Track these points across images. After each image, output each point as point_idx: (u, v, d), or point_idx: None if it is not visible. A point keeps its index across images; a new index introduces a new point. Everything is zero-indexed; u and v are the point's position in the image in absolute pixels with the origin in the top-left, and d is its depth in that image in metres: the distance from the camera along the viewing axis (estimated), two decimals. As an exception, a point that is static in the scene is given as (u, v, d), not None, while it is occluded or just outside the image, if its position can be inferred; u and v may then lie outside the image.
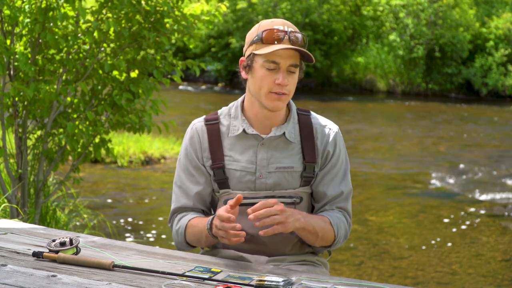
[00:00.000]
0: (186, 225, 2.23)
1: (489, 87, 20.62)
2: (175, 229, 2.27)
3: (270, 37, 2.11)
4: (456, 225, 7.02)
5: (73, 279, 1.78)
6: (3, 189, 4.46)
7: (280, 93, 2.14)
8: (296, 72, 2.17)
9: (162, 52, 4.64)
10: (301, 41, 2.13)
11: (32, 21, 4.09)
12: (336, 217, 2.22)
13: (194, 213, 2.27)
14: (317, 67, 21.56)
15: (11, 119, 4.38)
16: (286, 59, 2.12)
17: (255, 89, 2.18)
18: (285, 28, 2.13)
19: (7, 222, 2.36)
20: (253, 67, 2.17)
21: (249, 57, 2.18)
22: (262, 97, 2.16)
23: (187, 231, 2.23)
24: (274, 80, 2.13)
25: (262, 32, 2.13)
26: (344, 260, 5.74)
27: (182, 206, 2.28)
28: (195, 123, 2.30)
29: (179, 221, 2.27)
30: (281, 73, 2.12)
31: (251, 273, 1.88)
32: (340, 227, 2.21)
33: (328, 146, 2.26)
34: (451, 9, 21.13)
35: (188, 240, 2.24)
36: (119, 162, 9.07)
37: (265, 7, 21.39)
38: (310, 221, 2.11)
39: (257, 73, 2.16)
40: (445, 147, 12.17)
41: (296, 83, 2.19)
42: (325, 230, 2.17)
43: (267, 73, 2.13)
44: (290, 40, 2.11)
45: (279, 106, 2.17)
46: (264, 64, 2.13)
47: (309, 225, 2.11)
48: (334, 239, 2.21)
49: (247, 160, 2.22)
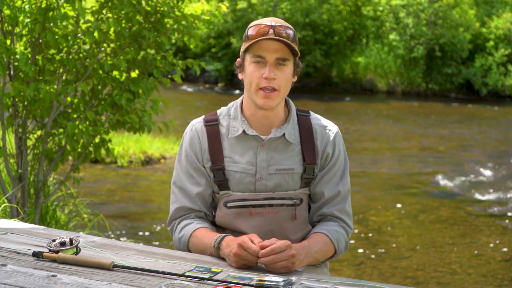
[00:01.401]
0: (191, 235, 2.18)
1: (489, 87, 20.61)
2: (178, 236, 2.23)
3: (256, 32, 2.11)
4: (456, 225, 7.02)
5: (73, 279, 1.78)
6: (3, 189, 4.46)
7: (269, 87, 2.12)
8: (287, 66, 2.14)
9: (162, 52, 4.64)
10: (289, 35, 2.11)
11: (32, 21, 4.09)
12: (334, 231, 2.19)
13: (197, 219, 2.23)
14: (317, 67, 21.55)
15: (11, 119, 4.38)
16: (272, 52, 2.11)
17: (247, 87, 2.18)
18: (271, 23, 2.12)
19: (7, 222, 2.36)
20: (244, 65, 2.18)
21: (241, 56, 2.19)
22: (253, 95, 2.15)
23: (191, 242, 2.18)
24: (261, 74, 2.12)
25: (249, 29, 2.14)
26: (344, 260, 5.74)
27: (183, 206, 2.24)
28: (195, 124, 2.28)
29: (183, 229, 2.21)
30: (267, 66, 2.11)
31: (251, 273, 1.88)
32: (340, 241, 2.20)
33: (327, 147, 2.25)
34: (451, 9, 21.13)
35: (191, 250, 2.20)
36: (119, 162, 9.07)
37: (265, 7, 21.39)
38: (312, 254, 2.08)
39: (247, 70, 2.16)
40: (445, 147, 12.17)
41: (288, 79, 2.15)
42: (325, 253, 2.16)
43: (255, 68, 2.13)
44: (276, 34, 2.10)
45: (269, 103, 2.14)
46: (251, 59, 2.13)
47: (311, 259, 2.08)
48: (334, 253, 2.20)
49: (247, 162, 2.21)
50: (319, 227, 2.22)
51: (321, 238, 2.16)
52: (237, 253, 1.93)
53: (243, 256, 1.92)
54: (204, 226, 2.20)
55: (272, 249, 1.90)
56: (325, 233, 2.17)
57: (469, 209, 7.67)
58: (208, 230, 2.18)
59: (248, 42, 2.13)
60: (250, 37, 2.12)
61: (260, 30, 2.10)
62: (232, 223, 2.22)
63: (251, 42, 2.11)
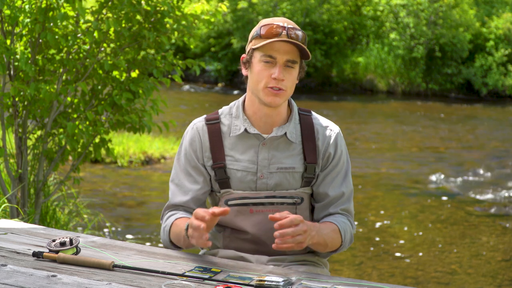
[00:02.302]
0: (172, 223, 2.21)
1: (489, 87, 20.60)
2: (162, 227, 2.26)
3: (269, 32, 2.12)
4: (456, 225, 7.02)
5: (73, 279, 1.78)
6: (3, 190, 4.46)
7: (276, 88, 2.14)
8: (295, 69, 2.16)
9: (162, 52, 4.64)
10: (300, 38, 2.14)
11: (32, 21, 4.09)
12: (342, 222, 2.22)
13: (184, 212, 2.25)
14: (317, 67, 21.55)
15: (11, 119, 4.38)
16: (283, 54, 2.13)
17: (253, 84, 2.19)
18: (284, 24, 2.13)
19: (7, 222, 2.36)
20: (252, 62, 2.18)
21: (249, 52, 2.20)
22: (260, 92, 2.17)
23: (172, 230, 2.20)
24: (270, 74, 2.13)
25: (261, 28, 2.15)
26: (344, 260, 5.74)
27: (175, 203, 2.27)
28: (196, 123, 2.29)
29: (167, 220, 2.25)
30: (277, 67, 2.13)
31: (251, 273, 1.88)
32: (346, 232, 2.22)
33: (329, 147, 2.26)
34: (451, 9, 21.12)
35: (172, 239, 2.21)
36: (119, 162, 9.07)
37: (265, 7, 21.38)
38: (322, 235, 2.11)
39: (255, 68, 2.17)
40: (445, 147, 12.17)
41: (294, 81, 2.18)
42: (334, 239, 2.18)
43: (264, 67, 2.14)
44: (288, 36, 2.12)
45: (276, 101, 2.16)
46: (261, 58, 2.14)
47: (321, 239, 2.10)
48: (340, 245, 2.21)
49: (248, 160, 2.22)
50: (327, 218, 2.24)
51: (330, 225, 2.19)
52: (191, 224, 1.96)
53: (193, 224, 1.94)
54: (186, 216, 2.21)
55: (290, 220, 1.92)
56: (334, 222, 2.20)
57: (469, 209, 7.67)
58: (188, 218, 2.18)
59: (260, 40, 2.14)
60: (262, 36, 2.13)
61: (273, 30, 2.12)
62: (232, 221, 2.23)
63: (264, 42, 2.12)
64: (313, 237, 2.05)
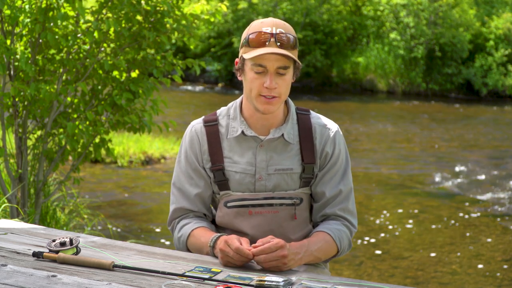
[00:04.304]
0: (189, 234, 2.20)
1: (489, 87, 20.61)
2: (177, 236, 2.25)
3: (257, 40, 2.09)
4: (456, 225, 7.02)
5: (73, 279, 1.78)
6: (4, 190, 4.46)
7: (269, 96, 2.12)
8: (287, 74, 2.12)
9: (162, 52, 4.64)
10: (291, 42, 2.10)
11: (32, 21, 4.09)
12: (336, 230, 2.19)
13: (196, 218, 2.25)
14: (317, 67, 21.55)
15: (11, 119, 4.38)
16: (273, 61, 2.09)
17: (247, 92, 2.17)
18: (272, 30, 2.09)
19: (7, 222, 2.36)
20: (244, 70, 2.16)
21: (240, 59, 2.18)
22: (254, 100, 2.15)
23: (189, 241, 2.20)
24: (262, 83, 2.11)
25: (249, 35, 2.12)
26: (344, 260, 5.74)
27: (181, 207, 2.26)
28: (194, 125, 2.29)
29: (182, 229, 2.23)
30: (269, 76, 2.10)
31: (251, 273, 1.88)
32: (343, 239, 2.20)
33: (326, 146, 2.24)
34: (451, 9, 21.13)
35: (190, 249, 2.22)
36: (119, 162, 9.07)
37: (266, 7, 21.38)
38: (312, 252, 2.08)
39: (247, 76, 2.15)
40: (445, 147, 12.17)
41: (288, 85, 2.15)
42: (327, 251, 2.16)
43: (256, 76, 2.12)
44: (277, 41, 2.08)
45: (269, 109, 2.14)
46: (252, 67, 2.11)
47: (310, 258, 2.08)
48: (337, 252, 2.20)
49: (246, 162, 2.21)
50: (321, 226, 2.22)
51: (322, 237, 2.15)
52: (222, 248, 1.96)
53: (226, 252, 1.94)
54: (202, 226, 2.21)
55: (262, 250, 1.92)
56: (327, 231, 2.17)
57: (469, 209, 7.67)
58: (206, 229, 2.19)
59: (249, 49, 2.11)
60: (250, 43, 2.10)
61: (261, 38, 2.08)
62: (232, 223, 2.23)
63: (253, 54, 2.08)
64: (301, 259, 2.02)
